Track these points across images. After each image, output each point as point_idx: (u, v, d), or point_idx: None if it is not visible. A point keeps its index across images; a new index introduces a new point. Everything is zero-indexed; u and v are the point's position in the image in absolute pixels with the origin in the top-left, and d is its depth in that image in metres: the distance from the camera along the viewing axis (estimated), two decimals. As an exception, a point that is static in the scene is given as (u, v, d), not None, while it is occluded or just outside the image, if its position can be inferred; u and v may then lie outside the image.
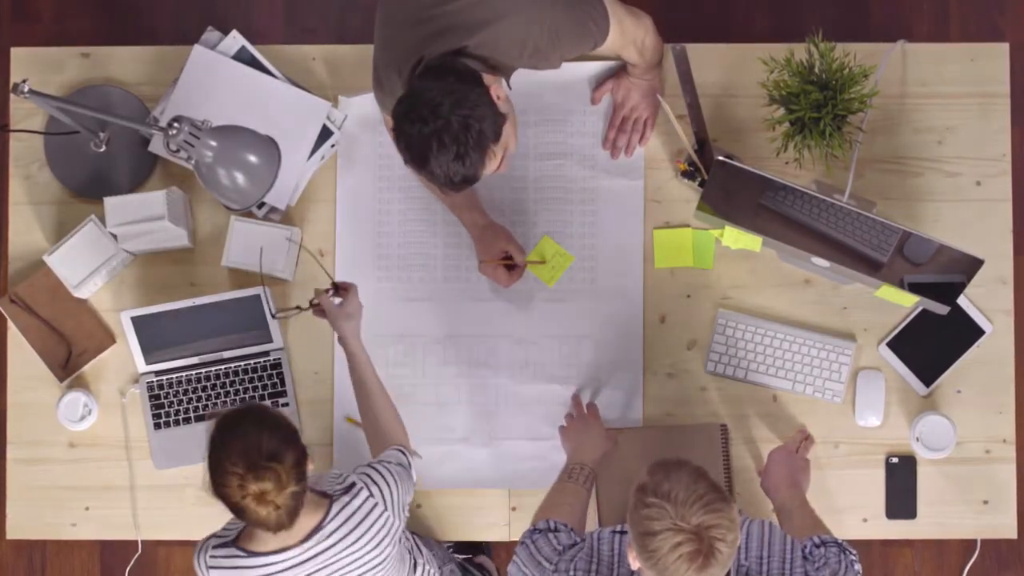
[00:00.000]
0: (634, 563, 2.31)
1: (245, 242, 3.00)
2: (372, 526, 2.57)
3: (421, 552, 2.82)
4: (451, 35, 2.55)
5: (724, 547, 2.23)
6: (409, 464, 2.67)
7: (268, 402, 3.02)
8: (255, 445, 2.39)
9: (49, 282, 3.03)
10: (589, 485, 2.79)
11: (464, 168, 2.49)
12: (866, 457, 3.00)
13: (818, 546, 2.55)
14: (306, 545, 2.53)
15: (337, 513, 2.55)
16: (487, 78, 2.52)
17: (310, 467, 2.47)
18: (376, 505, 2.58)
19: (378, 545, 2.58)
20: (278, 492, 2.39)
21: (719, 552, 2.22)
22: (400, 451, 2.68)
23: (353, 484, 2.58)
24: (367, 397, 2.75)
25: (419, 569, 2.78)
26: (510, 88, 2.64)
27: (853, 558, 2.54)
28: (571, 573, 2.46)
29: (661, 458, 2.32)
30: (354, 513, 2.56)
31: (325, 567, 2.55)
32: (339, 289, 2.80)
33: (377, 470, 2.61)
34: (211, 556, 2.56)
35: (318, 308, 2.81)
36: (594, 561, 2.46)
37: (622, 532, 2.50)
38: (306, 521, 2.52)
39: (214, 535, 2.60)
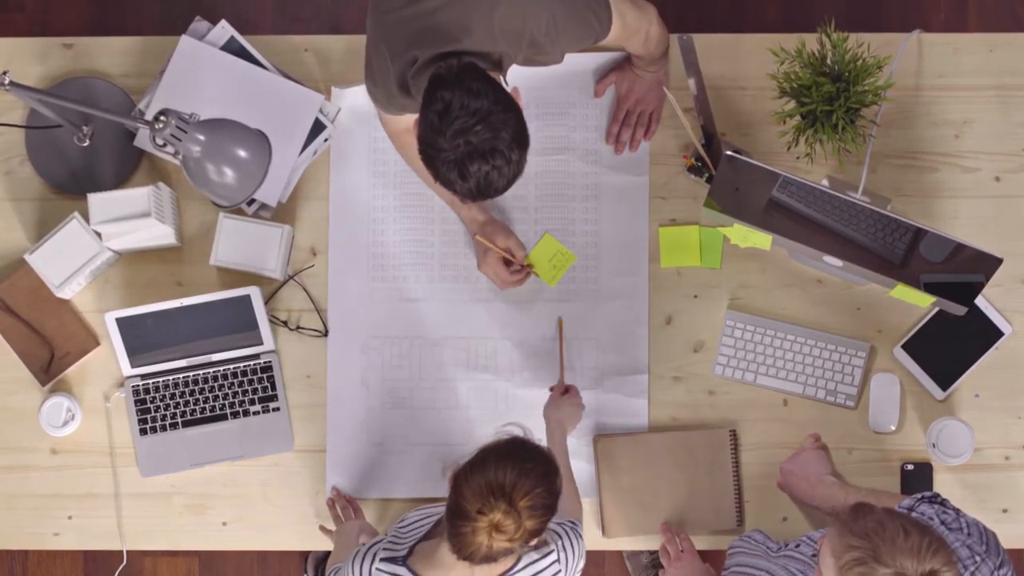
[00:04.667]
0: None
1: (234, 240, 3.00)
2: None
3: None
4: (444, 32, 2.54)
5: None
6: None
7: (259, 407, 3.02)
8: (532, 484, 2.34)
9: (30, 282, 3.03)
10: None
11: (506, 183, 2.53)
12: (880, 464, 3.00)
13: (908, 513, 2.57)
14: None
15: (524, 567, 2.51)
16: (509, 86, 2.54)
17: (535, 540, 2.43)
18: (559, 572, 2.55)
19: None
20: (513, 533, 2.34)
21: None
22: (576, 525, 2.66)
23: (546, 542, 2.53)
24: None
25: None
26: (507, 83, 2.64)
27: (940, 500, 2.58)
28: None
29: (840, 519, 2.32)
30: (539, 572, 2.53)
31: None
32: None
33: (571, 538, 2.59)
34: (377, 568, 2.50)
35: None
36: None
37: None
38: (493, 567, 2.47)
39: (380, 544, 2.54)
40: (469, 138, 2.45)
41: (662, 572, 2.95)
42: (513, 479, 2.34)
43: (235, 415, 3.02)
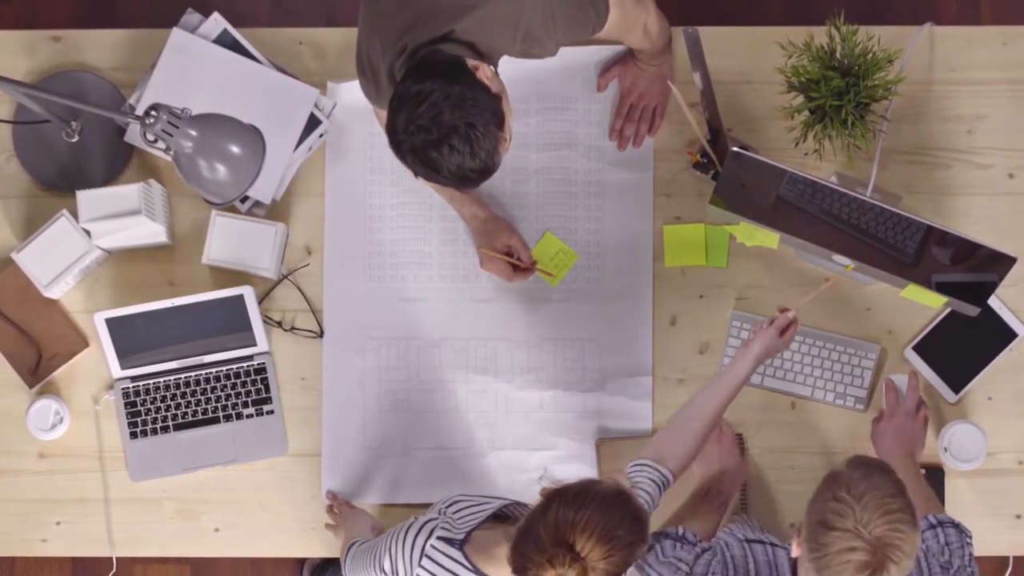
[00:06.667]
0: (795, 550, 2.36)
1: (227, 239, 3.00)
2: None
3: None
4: (436, 19, 2.53)
5: (895, 570, 2.27)
6: (656, 496, 2.60)
7: (253, 410, 3.02)
8: (612, 550, 2.27)
9: (17, 281, 3.03)
10: (722, 511, 2.84)
11: (480, 163, 2.48)
12: (891, 468, 3.00)
13: (933, 526, 2.59)
14: None
15: None
16: (470, 62, 2.51)
17: None
18: None
19: None
20: None
21: (888, 572, 2.27)
22: (656, 477, 2.60)
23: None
24: (709, 396, 2.69)
25: None
26: (497, 71, 2.62)
27: (968, 540, 2.61)
28: (710, 575, 2.52)
29: (865, 455, 2.35)
30: None
31: None
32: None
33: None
34: (432, 545, 2.46)
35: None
36: (729, 567, 2.51)
37: (747, 541, 2.54)
38: None
39: (435, 523, 2.49)
40: (419, 123, 2.43)
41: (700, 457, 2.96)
42: (597, 537, 2.27)
43: (228, 418, 3.03)
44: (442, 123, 2.43)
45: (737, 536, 2.57)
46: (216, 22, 3.06)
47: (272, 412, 3.03)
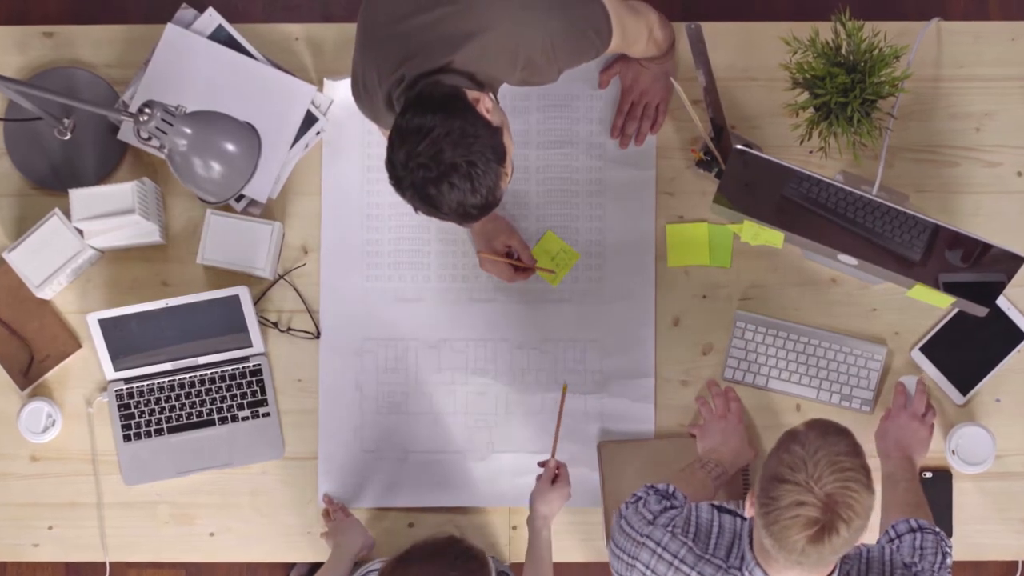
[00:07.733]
0: (749, 509, 2.37)
1: (222, 238, 2.99)
2: None
3: None
4: (434, 50, 2.51)
5: (845, 530, 2.26)
6: None
7: (248, 412, 3.01)
8: None
9: (9, 281, 3.03)
10: (718, 484, 2.83)
11: (481, 200, 2.47)
12: (897, 471, 3.00)
13: (913, 530, 2.59)
14: None
15: None
16: (470, 94, 2.50)
17: None
18: None
19: None
20: None
21: (837, 532, 2.26)
22: None
23: None
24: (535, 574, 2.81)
25: None
26: (497, 100, 2.61)
27: (948, 551, 2.60)
28: (670, 528, 2.53)
29: (829, 420, 2.35)
30: None
31: None
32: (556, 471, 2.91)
33: None
34: None
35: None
36: (692, 525, 2.52)
37: (719, 509, 2.56)
38: None
39: None
40: (419, 160, 2.42)
41: (693, 427, 2.96)
42: None
43: (223, 421, 3.02)
44: (442, 160, 2.42)
45: (712, 504, 2.58)
46: (211, 17, 3.05)
47: (268, 414, 3.02)
